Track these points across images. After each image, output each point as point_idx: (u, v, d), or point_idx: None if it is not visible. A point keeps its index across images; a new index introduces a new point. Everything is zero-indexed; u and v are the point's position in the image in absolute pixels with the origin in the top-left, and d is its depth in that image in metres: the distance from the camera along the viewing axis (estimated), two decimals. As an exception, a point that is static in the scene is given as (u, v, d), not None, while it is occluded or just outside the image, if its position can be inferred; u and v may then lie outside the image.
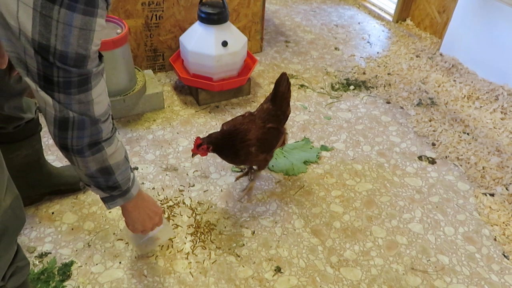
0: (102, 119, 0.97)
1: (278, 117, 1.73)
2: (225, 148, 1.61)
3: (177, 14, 2.44)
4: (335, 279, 1.51)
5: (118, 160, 1.07)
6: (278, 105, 1.72)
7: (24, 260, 1.11)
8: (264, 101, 1.77)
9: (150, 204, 1.29)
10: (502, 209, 1.82)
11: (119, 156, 1.07)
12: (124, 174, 1.11)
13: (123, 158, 1.09)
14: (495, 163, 2.05)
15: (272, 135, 1.69)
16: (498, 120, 2.35)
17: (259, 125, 1.65)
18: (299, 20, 3.48)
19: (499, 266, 1.59)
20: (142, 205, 1.25)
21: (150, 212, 1.28)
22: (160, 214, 1.33)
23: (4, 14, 0.76)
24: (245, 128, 1.62)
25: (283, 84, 1.70)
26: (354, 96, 2.54)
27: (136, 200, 1.21)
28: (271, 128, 1.68)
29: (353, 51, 3.06)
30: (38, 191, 1.68)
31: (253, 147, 1.61)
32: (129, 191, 1.16)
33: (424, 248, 1.64)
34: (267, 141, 1.67)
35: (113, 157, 1.04)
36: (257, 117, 1.69)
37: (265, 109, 1.72)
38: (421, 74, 2.77)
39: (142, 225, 1.28)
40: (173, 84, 2.52)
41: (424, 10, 3.30)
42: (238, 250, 1.58)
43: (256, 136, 1.62)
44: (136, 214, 1.24)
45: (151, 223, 1.29)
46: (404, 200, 1.85)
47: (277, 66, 2.80)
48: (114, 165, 1.06)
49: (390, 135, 2.24)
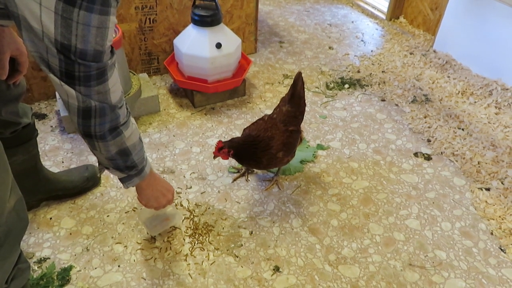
0: (119, 105, 1.06)
1: (297, 118, 1.76)
2: (246, 154, 1.63)
3: (171, 17, 2.45)
4: (333, 277, 1.51)
5: (134, 141, 1.15)
6: (296, 105, 1.74)
7: (25, 263, 1.13)
8: (280, 103, 1.77)
9: (162, 182, 1.39)
10: (498, 203, 1.83)
11: (135, 138, 1.16)
12: (140, 153, 1.20)
13: (138, 139, 1.18)
14: (490, 158, 2.06)
15: (295, 137, 1.73)
16: (492, 115, 2.36)
17: (282, 129, 1.67)
18: (293, 20, 3.49)
19: (496, 260, 1.61)
20: (155, 183, 1.34)
21: (163, 189, 1.37)
22: (172, 191, 1.41)
23: (28, 18, 0.84)
24: (269, 136, 1.63)
25: (299, 84, 1.71)
26: (349, 95, 2.55)
27: (149, 178, 1.29)
28: (294, 131, 1.71)
29: (347, 50, 3.07)
30: (35, 197, 1.68)
31: (280, 152, 1.64)
32: (143, 170, 1.25)
33: (421, 244, 1.65)
34: (291, 144, 1.71)
35: (130, 139, 1.13)
36: (278, 120, 1.70)
37: (284, 111, 1.72)
38: (415, 71, 2.79)
39: (156, 202, 1.37)
40: (168, 87, 2.52)
41: (416, 7, 3.32)
42: (236, 251, 1.59)
43: (281, 141, 1.64)
44: (150, 191, 1.33)
45: (164, 200, 1.38)
46: (401, 196, 1.87)
47: (272, 66, 2.81)
48: (131, 146, 1.15)
49: (386, 133, 2.25)
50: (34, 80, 2.24)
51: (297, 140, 1.77)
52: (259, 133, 1.65)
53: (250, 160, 1.66)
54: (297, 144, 1.78)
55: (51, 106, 2.29)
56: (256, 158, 1.63)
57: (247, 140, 1.64)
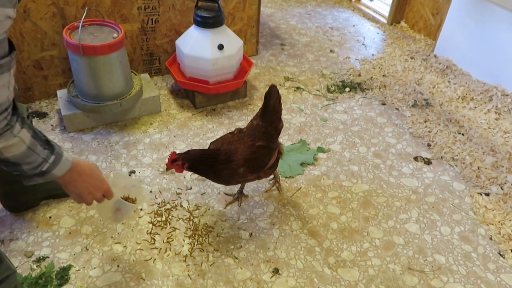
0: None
1: (269, 133, 1.61)
2: (203, 167, 1.51)
3: (173, 18, 2.45)
4: (332, 280, 1.51)
5: (16, 153, 1.03)
6: (268, 120, 1.60)
7: (8, 270, 1.10)
8: (254, 117, 1.65)
9: (92, 179, 1.25)
10: (497, 209, 1.84)
11: (17, 150, 1.03)
12: (32, 163, 1.08)
13: (24, 150, 1.04)
14: (490, 163, 2.07)
15: (262, 153, 1.57)
16: (492, 121, 2.37)
17: (248, 143, 1.54)
18: (294, 23, 3.50)
19: (495, 265, 1.61)
20: (79, 179, 1.22)
21: (90, 187, 1.25)
22: (103, 189, 1.29)
23: None
24: (231, 149, 1.51)
25: (273, 98, 1.57)
26: (350, 98, 2.55)
27: (65, 177, 1.18)
28: (261, 146, 1.56)
29: (348, 53, 3.08)
30: (35, 196, 1.68)
31: (241, 168, 1.51)
32: (47, 173, 1.12)
33: (420, 248, 1.65)
34: (257, 160, 1.56)
35: (8, 151, 1.01)
36: (246, 134, 1.58)
37: (254, 125, 1.60)
38: (416, 75, 2.79)
39: (79, 198, 1.26)
40: (169, 88, 2.53)
41: (418, 12, 3.33)
42: (236, 252, 1.59)
43: (243, 156, 1.51)
44: (71, 188, 1.22)
45: (90, 198, 1.26)
46: (401, 200, 1.87)
47: (273, 69, 2.81)
48: (13, 157, 1.03)
49: (386, 136, 2.25)
50: (35, 79, 2.24)
51: (267, 157, 1.60)
52: (222, 146, 1.54)
53: (209, 173, 1.54)
54: (268, 161, 1.61)
55: (51, 105, 2.29)
56: (215, 171, 1.51)
57: (204, 152, 1.54)
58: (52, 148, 1.12)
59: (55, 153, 1.13)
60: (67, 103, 2.12)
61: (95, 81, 2.01)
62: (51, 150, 1.12)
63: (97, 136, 2.10)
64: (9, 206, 1.67)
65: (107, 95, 2.08)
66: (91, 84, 2.03)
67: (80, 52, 1.88)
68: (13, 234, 1.60)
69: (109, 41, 1.94)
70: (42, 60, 2.20)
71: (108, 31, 2.05)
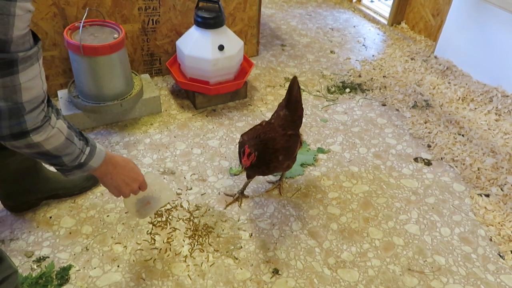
0: (30, 106, 0.94)
1: (295, 123, 1.75)
2: (261, 158, 1.56)
3: (174, 19, 2.46)
4: (332, 281, 1.51)
5: (56, 145, 1.04)
6: (293, 110, 1.72)
7: (9, 269, 1.11)
8: (278, 108, 1.76)
9: (127, 171, 1.28)
10: (497, 210, 1.84)
11: (57, 141, 1.04)
12: (71, 154, 1.09)
13: (63, 141, 1.06)
14: (490, 164, 2.07)
15: (294, 141, 1.70)
16: (492, 122, 2.37)
17: (281, 133, 1.64)
18: (295, 24, 3.50)
19: (495, 266, 1.61)
20: (115, 172, 1.24)
21: (126, 178, 1.27)
22: (140, 180, 1.32)
23: None
24: (271, 137, 1.60)
25: (295, 88, 1.70)
26: (350, 99, 2.56)
27: (102, 169, 1.19)
28: (292, 135, 1.69)
29: (349, 54, 3.08)
30: (35, 196, 1.68)
31: (281, 156, 1.61)
32: (85, 165, 1.14)
33: (420, 249, 1.66)
34: (291, 149, 1.68)
35: (48, 143, 1.02)
36: (277, 125, 1.68)
37: (282, 116, 1.71)
38: (416, 76, 2.80)
39: (117, 191, 1.28)
40: (170, 88, 2.53)
41: (418, 13, 3.33)
42: (236, 253, 1.59)
43: (281, 145, 1.61)
44: (108, 180, 1.24)
45: (127, 189, 1.29)
46: (401, 201, 1.87)
47: (274, 69, 2.81)
48: (53, 149, 1.04)
49: (386, 137, 2.26)
50: (36, 79, 2.24)
51: (297, 145, 1.74)
52: (260, 136, 1.60)
53: (261, 162, 1.58)
54: (297, 148, 1.76)
55: (52, 105, 2.30)
56: (266, 160, 1.59)
57: (266, 142, 1.58)
58: (86, 139, 1.14)
59: (89, 144, 1.15)
60: (68, 103, 2.12)
61: (95, 82, 2.02)
62: (86, 141, 1.14)
63: (98, 136, 2.11)
64: (10, 206, 1.67)
65: (108, 95, 2.08)
66: (91, 84, 2.03)
67: (81, 52, 1.89)
68: (13, 234, 1.60)
69: (110, 41, 1.95)
70: (43, 60, 2.20)
71: (108, 31, 2.05)
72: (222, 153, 2.06)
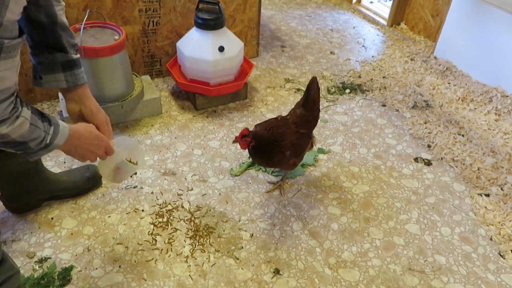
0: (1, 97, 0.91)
1: (310, 123, 1.78)
2: (263, 148, 1.62)
3: (174, 20, 2.47)
4: (333, 280, 1.52)
5: (22, 132, 1.02)
6: (310, 110, 1.75)
7: (11, 270, 1.11)
8: (295, 106, 1.80)
9: (91, 140, 1.27)
10: (497, 209, 1.84)
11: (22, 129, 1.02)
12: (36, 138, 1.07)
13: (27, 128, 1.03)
14: (490, 164, 2.07)
15: (304, 140, 1.74)
16: (492, 122, 2.38)
17: (293, 130, 1.68)
18: (295, 25, 3.51)
19: (495, 265, 1.61)
20: (79, 143, 1.23)
21: (90, 147, 1.27)
22: (104, 146, 1.31)
23: None
24: (281, 132, 1.64)
25: (313, 88, 1.72)
26: (350, 100, 2.56)
27: (67, 144, 1.18)
28: (304, 134, 1.72)
29: (349, 55, 3.09)
30: (36, 197, 1.68)
31: (288, 151, 1.64)
32: (50, 145, 1.13)
33: (421, 249, 1.66)
34: (300, 146, 1.72)
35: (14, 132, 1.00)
36: (291, 121, 1.71)
37: (298, 114, 1.74)
38: (416, 77, 2.80)
39: (83, 159, 1.28)
40: (170, 90, 2.54)
41: (418, 14, 3.34)
42: (237, 253, 1.59)
43: (291, 141, 1.65)
44: (73, 152, 1.24)
45: (93, 156, 1.29)
46: (401, 201, 1.87)
47: (274, 70, 2.82)
48: (19, 136, 1.02)
49: (386, 138, 2.26)
50: (37, 80, 2.25)
51: (307, 144, 1.77)
52: (273, 129, 1.65)
53: (263, 154, 1.64)
54: (306, 148, 1.78)
55: (53, 106, 2.30)
56: (269, 154, 1.63)
57: (271, 135, 1.63)
58: (48, 119, 1.11)
59: (52, 123, 1.12)
60: (69, 105, 2.13)
61: (96, 83, 2.02)
62: (49, 121, 1.11)
63: (99, 138, 2.11)
64: (11, 207, 1.68)
65: (109, 96, 2.09)
66: (92, 85, 2.03)
67: (82, 54, 1.90)
68: (15, 235, 1.61)
69: (111, 43, 1.95)
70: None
71: (109, 33, 2.06)
72: (222, 154, 2.07)
